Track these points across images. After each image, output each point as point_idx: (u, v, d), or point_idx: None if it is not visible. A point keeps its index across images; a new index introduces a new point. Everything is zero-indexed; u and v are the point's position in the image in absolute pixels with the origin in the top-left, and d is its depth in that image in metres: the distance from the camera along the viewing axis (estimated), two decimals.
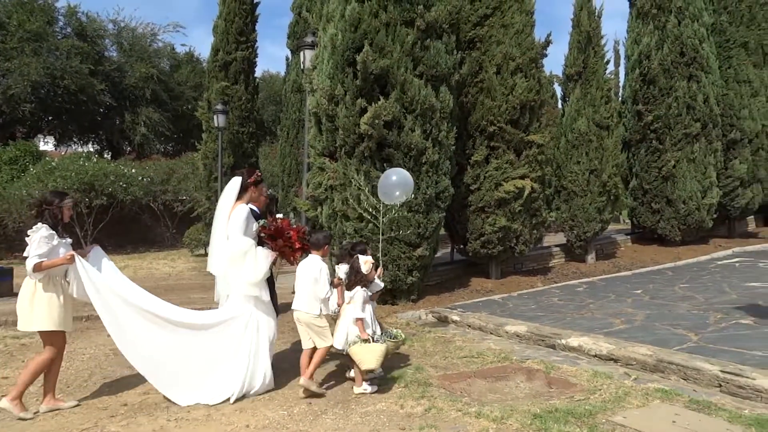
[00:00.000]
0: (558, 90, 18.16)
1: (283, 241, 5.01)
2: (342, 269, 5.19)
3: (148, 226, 18.13)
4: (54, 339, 4.58)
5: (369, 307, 5.02)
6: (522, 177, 9.42)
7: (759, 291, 8.02)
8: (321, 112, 8.04)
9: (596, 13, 12.25)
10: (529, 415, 4.05)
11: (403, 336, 5.21)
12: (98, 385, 5.21)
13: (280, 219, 5.19)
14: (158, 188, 17.83)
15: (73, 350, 6.25)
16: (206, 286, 10.55)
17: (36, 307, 4.44)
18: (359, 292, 4.90)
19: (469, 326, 7.07)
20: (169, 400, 4.67)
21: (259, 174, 5.29)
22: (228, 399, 4.68)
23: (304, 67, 9.74)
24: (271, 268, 5.02)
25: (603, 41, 12.31)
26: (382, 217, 6.54)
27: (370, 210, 6.93)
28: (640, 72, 13.47)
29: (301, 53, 9.93)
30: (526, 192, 9.35)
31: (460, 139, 9.00)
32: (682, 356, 5.03)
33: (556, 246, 12.60)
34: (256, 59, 15.89)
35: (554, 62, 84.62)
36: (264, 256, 4.90)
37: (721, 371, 4.58)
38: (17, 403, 4.43)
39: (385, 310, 7.87)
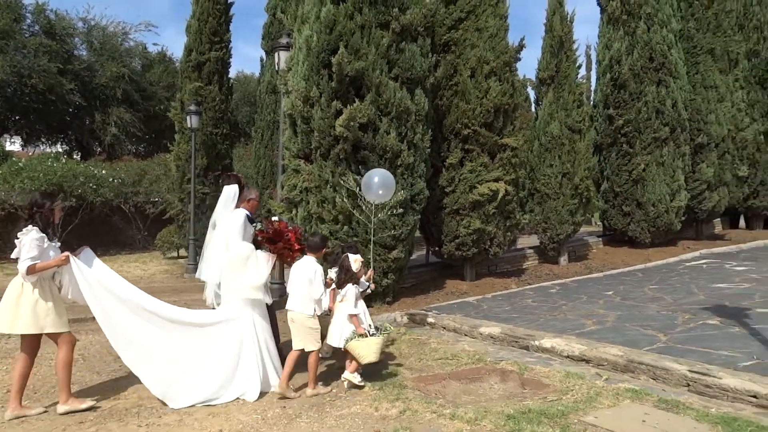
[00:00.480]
0: (531, 93, 18.41)
1: (283, 244, 5.07)
2: (334, 272, 5.21)
3: (119, 228, 17.82)
4: (63, 337, 4.54)
5: (361, 303, 5.07)
6: (496, 180, 9.49)
7: (725, 292, 8.21)
8: (296, 113, 8.00)
9: (568, 18, 12.41)
10: (503, 416, 4.08)
11: (392, 328, 5.28)
12: None
13: (277, 221, 5.24)
14: (129, 190, 17.54)
15: (40, 355, 5.98)
16: (178, 289, 10.42)
17: (21, 310, 4.35)
18: (351, 289, 4.96)
19: (444, 328, 7.10)
20: (163, 403, 4.60)
21: (242, 177, 5.35)
22: (238, 398, 4.73)
23: (278, 68, 9.67)
24: None
25: (575, 46, 12.49)
26: (374, 218, 6.54)
27: (363, 209, 6.90)
28: (611, 77, 13.69)
29: (276, 54, 9.85)
30: (500, 194, 9.42)
31: (435, 142, 9.03)
32: (652, 356, 5.13)
33: (530, 248, 12.73)
34: (231, 60, 15.71)
35: (528, 66, 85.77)
36: (264, 260, 4.99)
37: (689, 371, 4.67)
38: (72, 401, 4.55)
39: None
